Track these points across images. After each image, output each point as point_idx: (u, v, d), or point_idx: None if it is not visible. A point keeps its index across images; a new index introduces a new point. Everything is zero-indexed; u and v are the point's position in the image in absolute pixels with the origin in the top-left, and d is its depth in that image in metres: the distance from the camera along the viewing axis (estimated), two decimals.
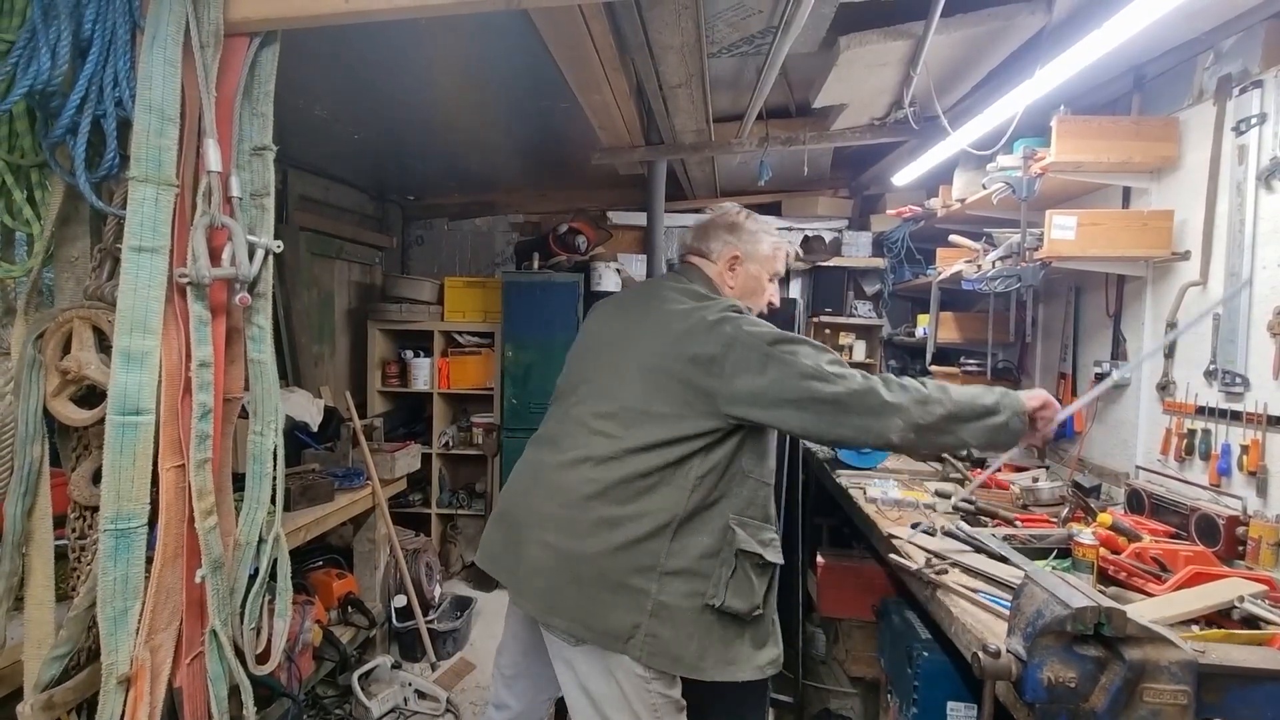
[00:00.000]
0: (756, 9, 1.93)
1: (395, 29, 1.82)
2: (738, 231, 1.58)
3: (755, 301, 1.61)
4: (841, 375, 1.30)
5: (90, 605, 1.18)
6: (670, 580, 1.32)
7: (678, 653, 1.32)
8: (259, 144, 1.28)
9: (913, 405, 1.29)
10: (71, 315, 1.21)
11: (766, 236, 1.60)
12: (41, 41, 1.12)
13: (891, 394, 1.29)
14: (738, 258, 1.57)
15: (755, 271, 1.59)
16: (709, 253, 1.59)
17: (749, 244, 1.57)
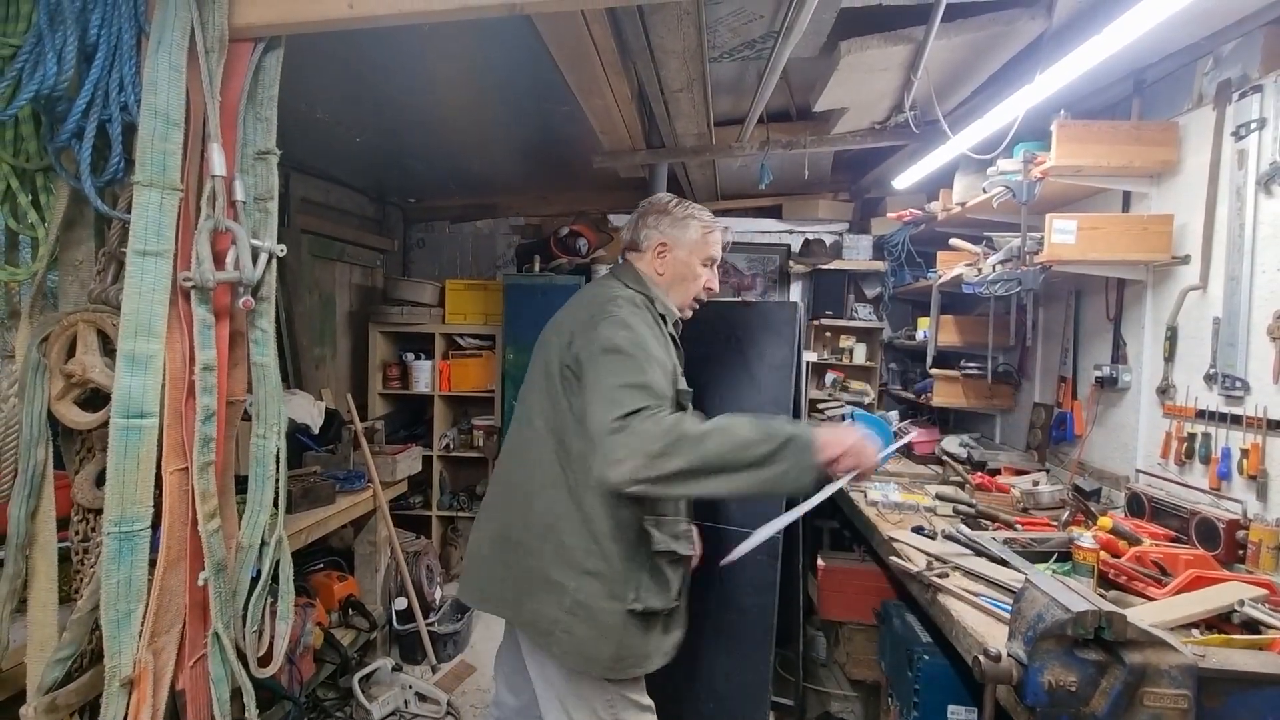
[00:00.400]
0: (758, 14, 1.93)
1: (397, 33, 1.83)
2: (664, 218, 1.56)
3: (687, 289, 1.58)
4: (618, 403, 1.21)
5: (93, 608, 1.18)
6: (589, 580, 1.35)
7: (592, 654, 1.35)
8: (263, 148, 1.28)
9: (645, 458, 1.16)
10: (76, 318, 1.21)
11: (695, 221, 1.57)
12: (47, 46, 1.13)
13: (639, 441, 1.17)
14: (665, 245, 1.55)
15: (684, 257, 1.56)
16: (639, 244, 1.58)
17: (676, 230, 1.55)
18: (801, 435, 1.20)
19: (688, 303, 1.60)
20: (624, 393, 1.23)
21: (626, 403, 1.21)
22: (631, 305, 1.42)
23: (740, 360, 2.27)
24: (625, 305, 1.40)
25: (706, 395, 2.27)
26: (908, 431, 3.22)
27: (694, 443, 1.16)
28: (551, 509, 1.39)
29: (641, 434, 1.17)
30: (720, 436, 1.18)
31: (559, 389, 1.40)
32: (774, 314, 2.29)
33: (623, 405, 1.20)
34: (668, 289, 1.56)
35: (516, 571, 1.42)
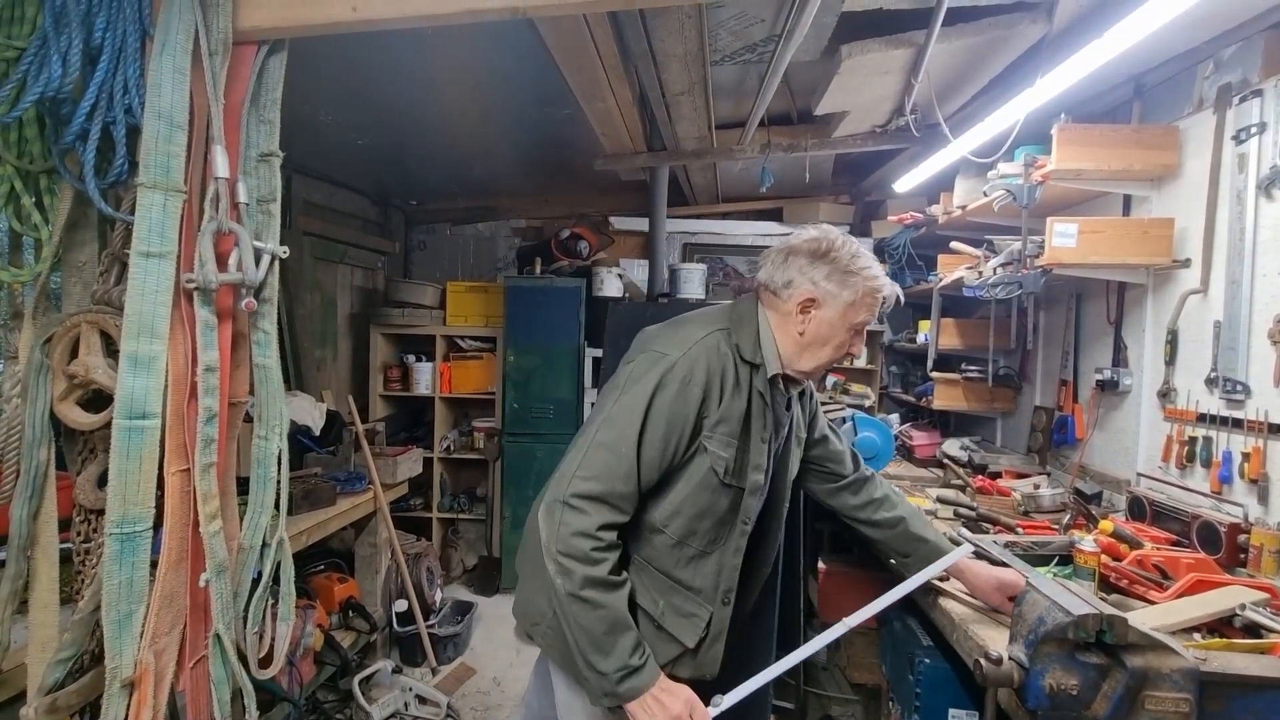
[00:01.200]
0: (759, 18, 1.94)
1: (400, 36, 1.83)
2: (821, 266, 1.24)
3: (821, 355, 1.28)
4: (586, 476, 1.15)
5: (95, 609, 1.18)
6: None
7: (571, 657, 1.22)
8: (266, 150, 1.29)
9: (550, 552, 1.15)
10: (79, 320, 1.21)
11: (860, 280, 1.24)
12: (52, 49, 1.13)
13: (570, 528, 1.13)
14: (814, 301, 1.25)
15: (831, 319, 1.25)
16: (778, 290, 1.28)
17: (833, 284, 1.24)
18: (624, 688, 1.13)
19: (821, 368, 1.31)
20: (600, 463, 1.17)
21: (591, 484, 1.15)
22: (703, 357, 1.22)
23: None
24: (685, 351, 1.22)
25: None
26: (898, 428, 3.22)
27: (573, 595, 1.13)
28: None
29: (565, 536, 1.14)
30: (593, 619, 1.13)
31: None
32: None
33: (587, 483, 1.15)
34: (799, 351, 1.27)
35: (526, 554, 1.35)
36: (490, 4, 1.22)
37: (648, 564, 1.26)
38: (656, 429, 1.18)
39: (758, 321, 1.29)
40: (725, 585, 1.28)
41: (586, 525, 1.14)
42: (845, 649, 2.52)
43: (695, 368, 1.20)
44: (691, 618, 1.26)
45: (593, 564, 1.13)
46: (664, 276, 3.70)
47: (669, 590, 1.26)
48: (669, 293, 3.72)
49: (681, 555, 1.25)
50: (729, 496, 1.25)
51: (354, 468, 2.86)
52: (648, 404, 1.17)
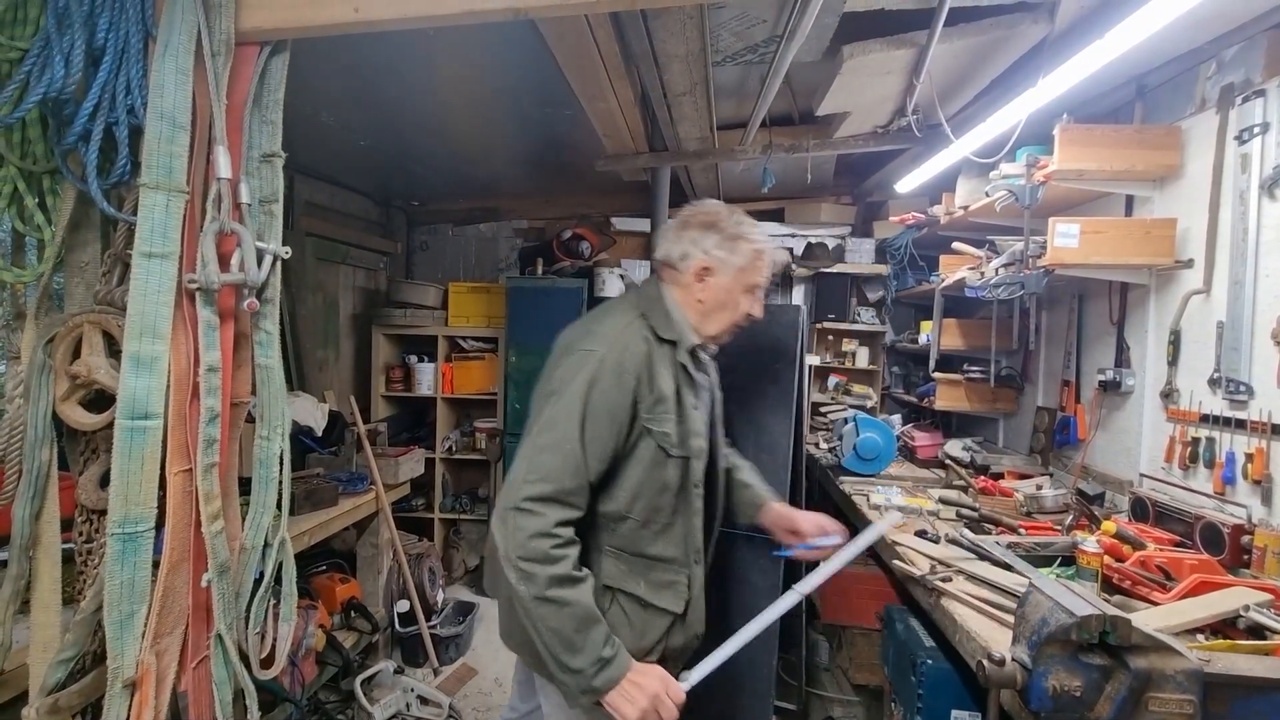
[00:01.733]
0: (761, 18, 1.94)
1: (402, 37, 1.83)
2: (710, 235, 1.35)
3: (723, 317, 1.37)
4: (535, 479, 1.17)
5: (97, 609, 1.18)
6: None
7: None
8: (268, 151, 1.29)
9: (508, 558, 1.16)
10: (81, 320, 1.21)
11: (745, 243, 1.35)
12: (55, 49, 1.14)
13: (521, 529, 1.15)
14: (709, 269, 1.34)
15: (727, 284, 1.35)
16: (675, 263, 1.37)
17: (723, 250, 1.34)
18: (600, 681, 1.14)
19: (726, 331, 1.40)
20: (546, 465, 1.18)
21: (540, 485, 1.17)
22: (625, 345, 1.26)
23: (743, 364, 2.27)
24: (610, 345, 1.26)
25: None
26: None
27: (539, 598, 1.14)
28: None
29: (522, 541, 1.15)
30: (562, 618, 1.14)
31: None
32: (776, 317, 2.29)
33: (536, 486, 1.17)
34: (703, 317, 1.36)
35: (492, 568, 1.38)
36: (491, 4, 1.22)
37: (621, 551, 1.29)
38: (598, 423, 1.21)
39: (665, 300, 1.36)
40: (694, 546, 1.35)
41: (542, 525, 1.16)
42: (848, 650, 2.52)
43: (624, 358, 1.25)
44: (673, 585, 1.31)
45: (554, 562, 1.15)
46: None
47: (647, 569, 1.30)
48: None
49: (650, 532, 1.30)
50: (679, 467, 1.30)
51: (356, 468, 2.87)
52: (584, 401, 1.21)
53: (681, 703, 1.20)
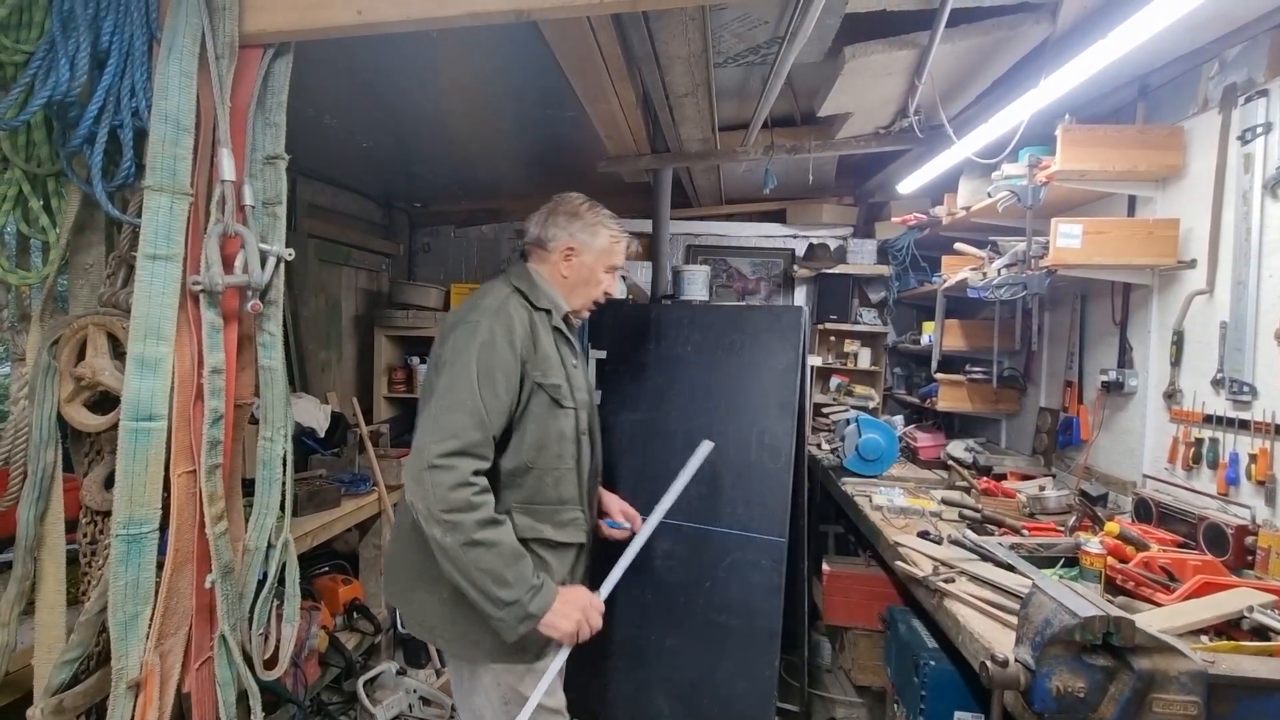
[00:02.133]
0: (763, 20, 1.94)
1: (405, 39, 1.84)
2: (575, 221, 1.55)
3: (588, 293, 1.58)
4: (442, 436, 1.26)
5: (101, 610, 1.18)
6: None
7: (477, 638, 1.35)
8: (271, 153, 1.30)
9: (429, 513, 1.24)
10: (86, 322, 1.22)
11: (604, 230, 1.56)
12: (60, 53, 1.14)
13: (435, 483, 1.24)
14: (573, 250, 1.54)
15: (590, 263, 1.55)
16: (546, 243, 1.55)
17: (585, 235, 1.54)
18: (535, 606, 1.28)
19: (586, 306, 1.60)
20: (451, 423, 1.27)
21: (449, 442, 1.26)
22: (503, 313, 1.39)
23: (746, 364, 2.28)
24: (491, 314, 1.38)
25: (712, 400, 2.27)
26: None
27: (468, 543, 1.24)
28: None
29: (443, 495, 1.23)
30: (488, 557, 1.25)
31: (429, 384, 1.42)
32: (779, 318, 2.30)
33: (445, 443, 1.25)
34: (568, 292, 1.56)
35: (403, 567, 1.46)
36: (494, 6, 1.23)
37: (528, 503, 1.42)
38: (494, 381, 1.33)
39: (535, 276, 1.54)
40: (586, 487, 1.53)
41: (459, 477, 1.25)
42: (850, 651, 2.52)
43: (511, 323, 1.38)
44: (574, 521, 1.49)
45: (476, 508, 1.26)
46: (667, 278, 3.70)
47: (551, 514, 1.44)
48: (672, 294, 3.72)
49: (551, 480, 1.44)
50: (570, 417, 1.47)
51: (358, 469, 2.87)
52: (476, 364, 1.32)
53: (602, 610, 1.41)
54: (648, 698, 2.09)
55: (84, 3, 1.15)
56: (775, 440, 2.15)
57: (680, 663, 2.06)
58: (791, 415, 2.16)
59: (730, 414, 2.23)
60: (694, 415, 2.27)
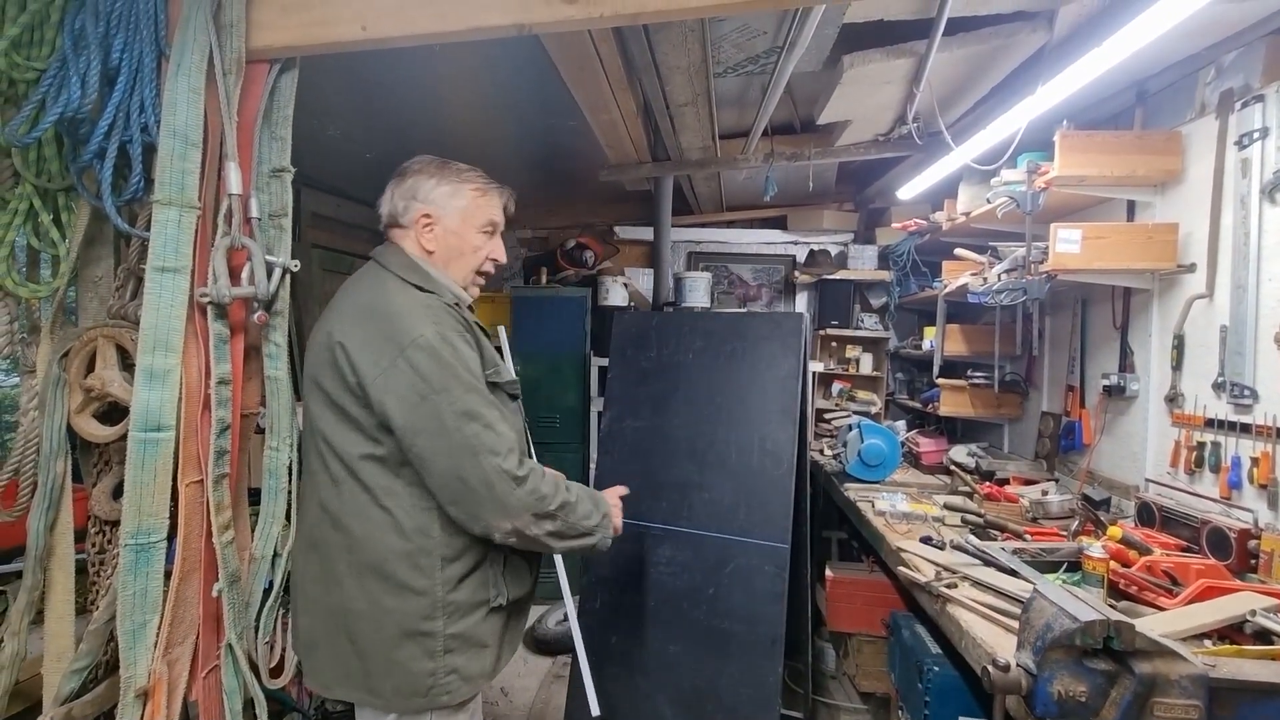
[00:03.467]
0: (761, 30, 1.96)
1: (408, 52, 1.86)
2: (423, 183, 1.30)
3: (465, 264, 1.32)
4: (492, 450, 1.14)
5: (110, 619, 1.20)
6: (452, 608, 1.18)
7: (478, 669, 1.21)
8: (277, 166, 1.32)
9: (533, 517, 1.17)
10: (95, 334, 1.24)
11: (464, 183, 1.31)
12: (72, 70, 1.16)
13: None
14: (430, 216, 1.28)
15: (457, 228, 1.30)
16: (399, 218, 1.30)
17: (441, 196, 1.29)
18: (608, 505, 1.32)
19: (470, 280, 1.34)
20: (495, 438, 1.14)
21: (511, 454, 1.15)
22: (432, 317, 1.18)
23: (748, 371, 2.29)
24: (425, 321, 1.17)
25: (714, 406, 2.28)
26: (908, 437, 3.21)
27: (569, 509, 1.22)
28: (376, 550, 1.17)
29: (540, 495, 1.17)
30: (582, 503, 1.25)
31: (347, 406, 1.17)
32: (779, 324, 2.31)
33: (509, 457, 1.14)
34: (444, 269, 1.30)
35: (363, 643, 1.17)
36: (495, 20, 1.25)
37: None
38: (479, 385, 1.19)
39: (420, 264, 1.29)
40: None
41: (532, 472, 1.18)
42: (854, 657, 2.51)
43: (445, 330, 1.18)
44: None
45: (553, 482, 1.22)
46: (669, 285, 3.72)
47: None
48: (674, 301, 3.74)
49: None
50: (515, 404, 1.35)
51: None
52: (463, 378, 1.16)
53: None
54: (651, 705, 2.09)
55: (95, 21, 1.17)
56: (777, 446, 2.16)
57: (683, 669, 2.06)
58: (793, 421, 2.17)
59: (732, 420, 2.24)
60: (696, 422, 2.28)
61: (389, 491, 1.16)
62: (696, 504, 2.19)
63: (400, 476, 1.17)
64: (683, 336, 2.40)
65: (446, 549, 1.18)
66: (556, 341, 3.72)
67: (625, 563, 2.19)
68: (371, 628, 1.16)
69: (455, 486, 1.13)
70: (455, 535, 1.19)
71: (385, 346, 1.14)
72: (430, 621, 1.16)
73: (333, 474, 1.19)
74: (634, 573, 2.19)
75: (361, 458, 1.16)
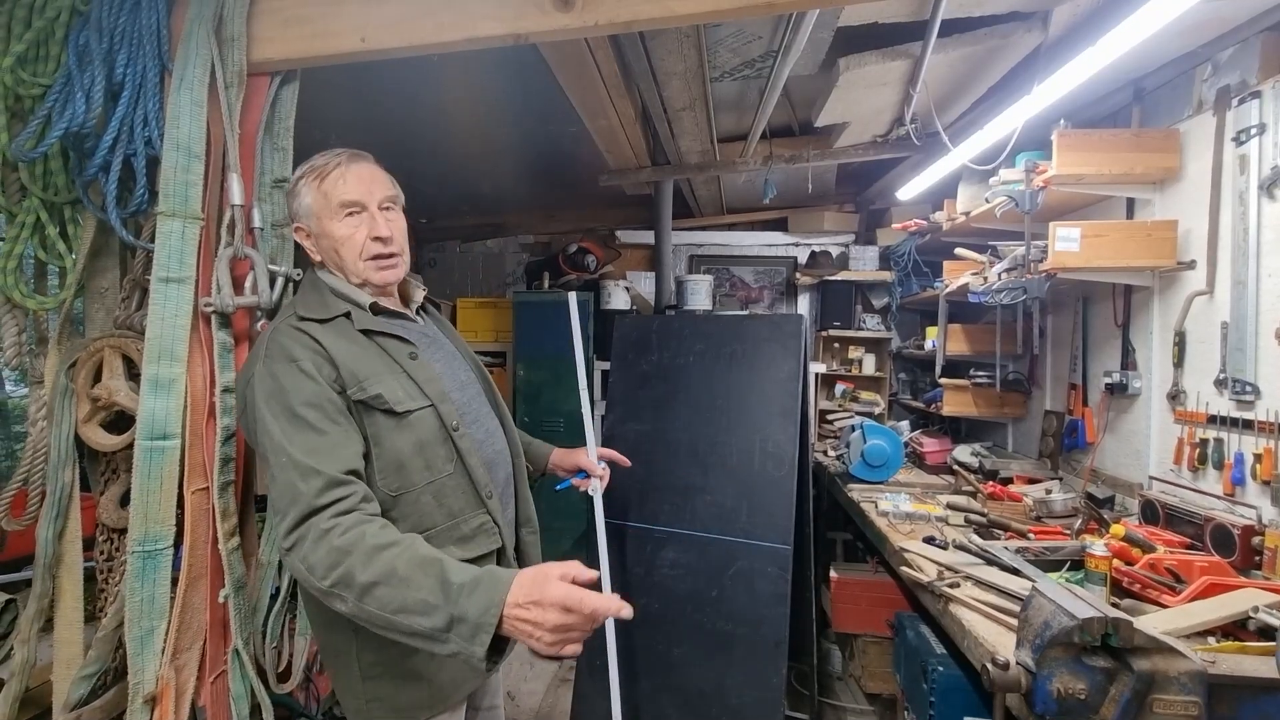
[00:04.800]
0: (756, 35, 1.97)
1: (407, 61, 1.89)
2: (290, 203, 1.23)
3: (349, 254, 1.18)
4: (284, 506, 1.00)
5: (118, 625, 1.21)
6: (365, 635, 1.09)
7: (408, 700, 1.13)
8: (279, 176, 1.34)
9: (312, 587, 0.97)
10: (102, 344, 1.26)
11: (302, 181, 1.20)
12: (76, 86, 1.19)
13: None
14: (300, 228, 1.22)
15: (319, 229, 1.19)
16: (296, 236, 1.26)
17: (300, 208, 1.20)
18: (485, 612, 0.88)
19: (362, 268, 1.19)
20: (280, 495, 1.01)
21: (288, 518, 0.99)
22: (268, 358, 1.08)
23: (748, 373, 2.29)
24: (258, 362, 1.09)
25: (716, 409, 2.29)
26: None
27: (364, 590, 0.93)
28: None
29: (312, 566, 0.96)
30: (387, 591, 0.93)
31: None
32: (779, 326, 2.31)
33: (284, 522, 0.99)
34: (335, 270, 1.21)
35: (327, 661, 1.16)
36: (492, 30, 1.27)
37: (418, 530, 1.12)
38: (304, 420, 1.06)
39: (315, 282, 1.21)
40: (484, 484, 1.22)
41: (315, 536, 1.00)
42: (860, 659, 2.51)
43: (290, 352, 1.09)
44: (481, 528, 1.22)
45: (349, 550, 0.98)
46: (670, 288, 3.73)
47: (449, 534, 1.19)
48: (676, 304, 3.75)
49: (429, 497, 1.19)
50: (422, 421, 1.17)
51: None
52: (273, 416, 1.06)
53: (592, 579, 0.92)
54: (656, 707, 2.09)
55: (99, 37, 1.20)
56: (778, 448, 2.16)
57: (688, 672, 2.06)
58: (794, 422, 2.17)
59: (733, 422, 2.25)
60: (698, 424, 2.29)
61: None
62: (699, 506, 2.19)
63: None
64: (683, 340, 2.41)
65: None
66: (559, 346, 3.73)
67: (629, 565, 2.20)
68: (325, 646, 1.16)
69: None
70: None
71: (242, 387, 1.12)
72: (346, 642, 1.12)
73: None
74: (638, 575, 2.20)
75: None
